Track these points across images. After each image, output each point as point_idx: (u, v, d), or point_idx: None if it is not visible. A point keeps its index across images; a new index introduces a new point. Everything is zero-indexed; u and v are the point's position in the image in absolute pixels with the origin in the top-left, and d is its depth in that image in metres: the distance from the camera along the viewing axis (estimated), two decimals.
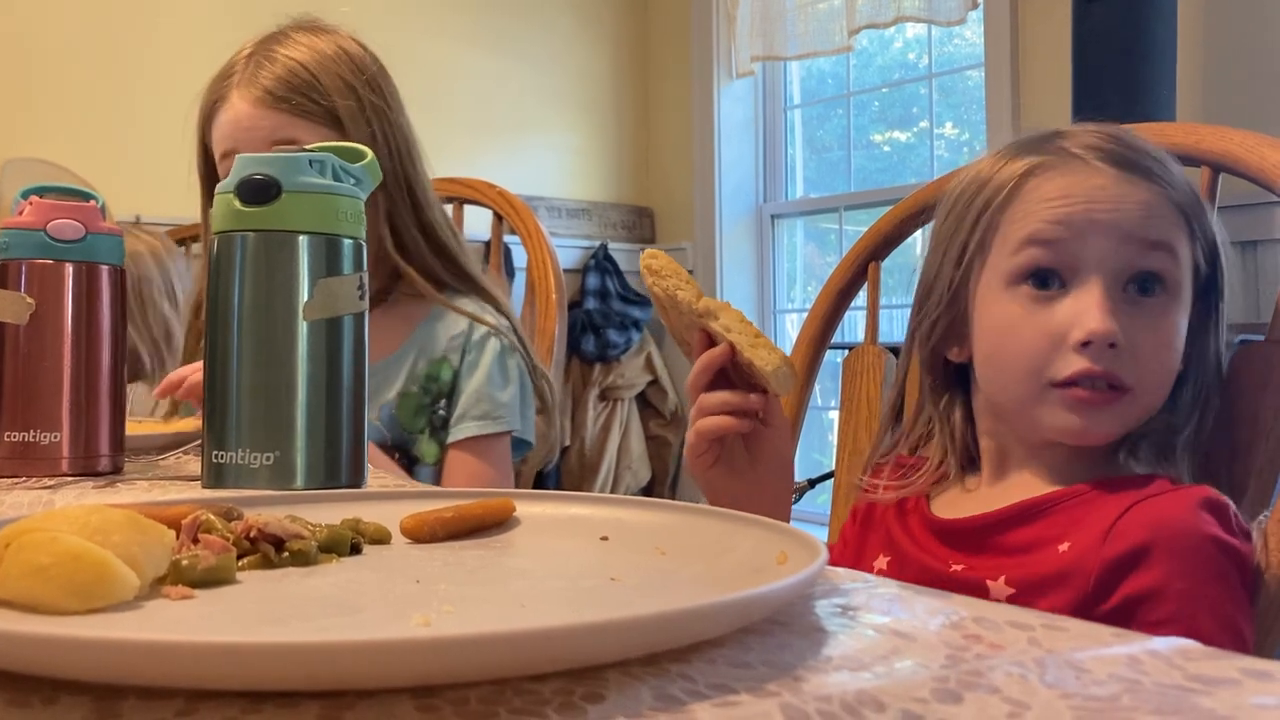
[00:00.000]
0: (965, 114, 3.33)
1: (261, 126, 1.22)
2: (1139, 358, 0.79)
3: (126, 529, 0.41)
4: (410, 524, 0.54)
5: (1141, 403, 0.80)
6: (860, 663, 0.34)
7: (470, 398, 1.26)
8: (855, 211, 3.51)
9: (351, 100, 1.24)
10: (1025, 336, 0.80)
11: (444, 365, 1.27)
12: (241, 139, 1.22)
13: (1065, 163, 0.82)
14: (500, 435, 1.27)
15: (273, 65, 1.24)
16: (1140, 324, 0.79)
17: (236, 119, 1.23)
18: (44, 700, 0.30)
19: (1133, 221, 0.79)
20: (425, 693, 0.30)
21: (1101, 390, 0.78)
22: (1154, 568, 0.72)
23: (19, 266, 0.85)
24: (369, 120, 1.24)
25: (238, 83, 1.24)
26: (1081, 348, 0.78)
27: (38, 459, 0.84)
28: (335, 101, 1.23)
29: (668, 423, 3.70)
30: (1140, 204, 0.80)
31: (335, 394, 0.76)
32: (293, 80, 1.23)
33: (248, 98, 1.23)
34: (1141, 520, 0.74)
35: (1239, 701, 0.30)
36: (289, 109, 1.22)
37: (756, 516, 0.50)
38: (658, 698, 0.30)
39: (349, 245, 0.78)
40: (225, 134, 1.24)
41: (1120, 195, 0.80)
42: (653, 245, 3.83)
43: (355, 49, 1.28)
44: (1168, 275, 0.80)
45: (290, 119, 1.22)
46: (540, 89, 3.67)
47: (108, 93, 2.95)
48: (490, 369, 1.26)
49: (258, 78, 1.23)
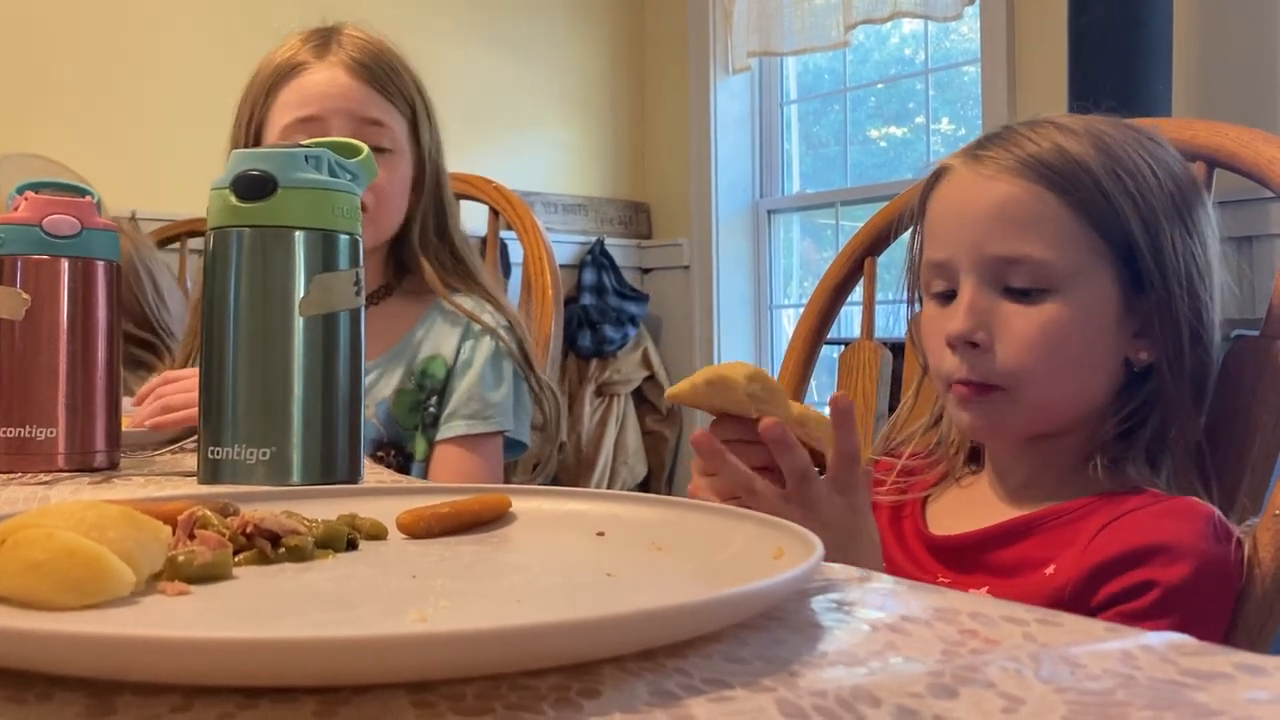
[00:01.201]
0: (962, 109, 3.33)
1: (355, 97, 1.20)
2: (1006, 355, 0.80)
3: (122, 525, 0.41)
4: (406, 520, 0.54)
5: (1023, 399, 0.80)
6: (856, 658, 0.34)
7: (462, 396, 1.26)
8: (852, 207, 3.51)
9: (420, 97, 1.26)
10: (932, 342, 0.85)
11: (438, 362, 1.27)
12: (331, 106, 1.19)
13: (954, 170, 0.85)
14: (490, 435, 1.26)
15: (356, 41, 1.22)
16: (1010, 321, 0.80)
17: (330, 83, 1.19)
18: (39, 696, 0.30)
19: (990, 220, 0.81)
20: (421, 688, 0.30)
21: (976, 387, 0.81)
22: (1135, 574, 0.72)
23: (14, 262, 0.85)
24: (429, 116, 1.27)
25: (320, 53, 1.21)
26: (951, 348, 0.82)
27: (33, 455, 0.84)
28: (413, 92, 1.24)
29: (664, 418, 3.71)
30: (994, 204, 0.81)
31: (331, 390, 0.76)
32: (381, 58, 1.22)
33: (341, 64, 1.20)
34: (1119, 534, 0.74)
35: (1232, 696, 0.30)
36: (380, 87, 1.21)
37: (751, 512, 0.50)
38: (654, 693, 0.30)
39: (345, 241, 0.78)
40: (310, 96, 1.19)
41: (977, 196, 0.82)
42: (649, 240, 3.83)
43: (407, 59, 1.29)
44: (1034, 276, 0.79)
45: (380, 98, 1.21)
46: (537, 84, 3.67)
47: (104, 88, 2.94)
48: (483, 368, 1.26)
49: (344, 48, 1.21)
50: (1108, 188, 0.79)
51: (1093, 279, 0.80)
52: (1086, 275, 0.80)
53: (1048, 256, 0.79)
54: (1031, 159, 0.81)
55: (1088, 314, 0.80)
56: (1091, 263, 0.80)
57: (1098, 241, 0.79)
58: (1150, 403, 0.81)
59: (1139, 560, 0.72)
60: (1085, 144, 0.81)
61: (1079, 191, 0.79)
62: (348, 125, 1.19)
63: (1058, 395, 0.81)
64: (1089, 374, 0.82)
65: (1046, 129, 0.82)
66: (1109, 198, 0.79)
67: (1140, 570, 0.72)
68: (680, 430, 3.72)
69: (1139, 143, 0.83)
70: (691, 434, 0.70)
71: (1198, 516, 0.74)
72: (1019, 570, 0.78)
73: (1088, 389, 0.82)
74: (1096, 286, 0.80)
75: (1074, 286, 0.80)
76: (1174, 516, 0.74)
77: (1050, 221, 0.79)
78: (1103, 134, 0.82)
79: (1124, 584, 0.72)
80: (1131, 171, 0.80)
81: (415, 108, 1.25)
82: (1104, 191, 0.79)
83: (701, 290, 3.63)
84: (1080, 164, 0.80)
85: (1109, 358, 0.82)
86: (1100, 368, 0.82)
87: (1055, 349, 0.80)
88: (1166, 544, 0.72)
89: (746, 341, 3.69)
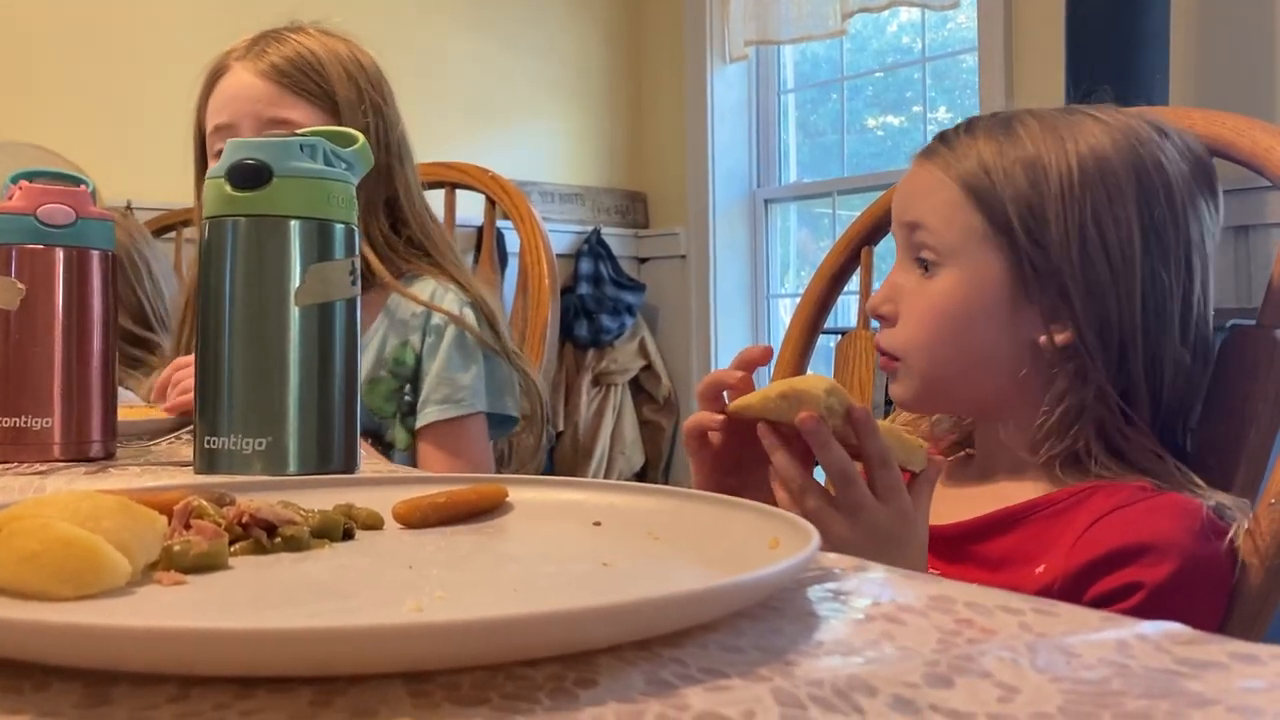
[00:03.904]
0: (959, 98, 3.32)
1: (259, 99, 1.22)
2: (903, 328, 0.85)
3: (118, 515, 0.41)
4: (403, 509, 0.54)
5: (915, 371, 0.84)
6: (852, 647, 0.34)
7: (432, 382, 1.26)
8: (849, 196, 3.50)
9: (352, 91, 1.25)
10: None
11: (406, 349, 1.27)
12: (238, 110, 1.23)
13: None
14: (466, 418, 1.26)
15: (281, 45, 1.26)
16: (912, 295, 0.84)
17: (235, 87, 1.24)
18: (35, 686, 0.30)
19: (900, 202, 0.87)
20: (418, 678, 0.30)
21: (887, 358, 0.86)
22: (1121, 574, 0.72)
23: (9, 251, 0.85)
24: (365, 112, 1.26)
25: (241, 56, 1.26)
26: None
27: (29, 444, 0.84)
28: (335, 88, 1.24)
29: (661, 408, 3.71)
30: (908, 186, 0.87)
31: (327, 379, 0.76)
32: (298, 60, 1.24)
33: (250, 69, 1.24)
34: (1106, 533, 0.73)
35: (1227, 685, 0.30)
36: (289, 85, 1.23)
37: (748, 502, 0.50)
38: (650, 682, 0.30)
39: (340, 230, 0.78)
40: (221, 104, 1.24)
41: (905, 181, 0.88)
42: (645, 230, 3.83)
43: (364, 52, 1.30)
44: (927, 247, 0.84)
45: (289, 96, 1.23)
46: (533, 73, 3.66)
47: (99, 77, 2.93)
48: (449, 351, 1.26)
49: (265, 53, 1.25)
50: (990, 164, 0.81)
51: (977, 255, 0.82)
52: (971, 251, 0.82)
53: (936, 226, 0.83)
54: (933, 141, 0.87)
55: (972, 289, 0.82)
56: (976, 238, 0.82)
57: (979, 218, 0.81)
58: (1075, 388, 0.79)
59: (1125, 560, 0.72)
60: (992, 124, 0.84)
61: (963, 166, 0.83)
62: (254, 127, 1.22)
63: (946, 371, 0.83)
64: (981, 351, 0.82)
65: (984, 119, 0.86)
66: (989, 173, 0.81)
67: (1127, 570, 0.72)
68: (677, 420, 3.73)
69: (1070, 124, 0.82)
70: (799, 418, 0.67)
71: (1186, 513, 0.74)
72: (1006, 563, 0.78)
73: (985, 368, 0.82)
74: (982, 263, 0.81)
75: (960, 261, 0.82)
76: (1161, 513, 0.74)
77: (939, 193, 0.84)
78: (1023, 116, 0.84)
79: (1111, 585, 0.72)
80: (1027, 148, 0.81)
81: (341, 104, 1.24)
82: (986, 168, 0.81)
83: (698, 280, 3.63)
84: (973, 144, 0.83)
85: (1003, 337, 0.82)
86: (995, 347, 0.82)
87: (940, 323, 0.83)
88: (1153, 543, 0.72)
89: (743, 331, 3.69)
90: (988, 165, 0.81)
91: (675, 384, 3.73)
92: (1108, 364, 0.79)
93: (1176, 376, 0.81)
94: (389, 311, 1.28)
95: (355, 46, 1.30)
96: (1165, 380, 0.80)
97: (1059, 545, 0.76)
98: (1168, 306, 0.80)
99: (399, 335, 1.27)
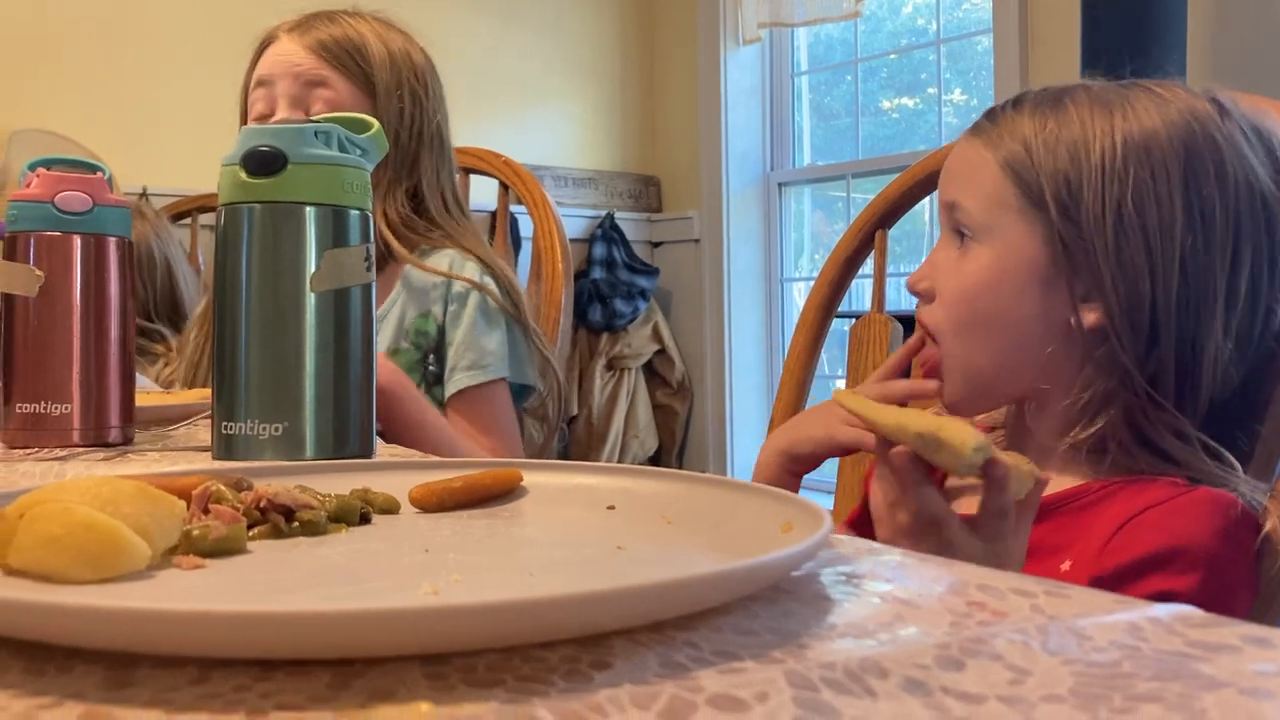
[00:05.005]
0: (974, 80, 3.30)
1: (300, 63, 1.27)
2: (940, 304, 0.84)
3: (137, 500, 0.41)
4: (419, 494, 0.54)
5: (953, 366, 0.82)
6: (864, 630, 0.34)
7: (458, 350, 1.27)
8: (863, 179, 3.49)
9: (391, 77, 1.29)
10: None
11: (428, 320, 1.28)
12: (278, 70, 1.28)
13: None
14: (494, 384, 1.27)
15: (330, 25, 1.31)
16: (947, 271, 0.83)
17: (279, 52, 1.29)
18: (59, 668, 0.30)
19: (943, 179, 0.86)
20: (434, 660, 0.30)
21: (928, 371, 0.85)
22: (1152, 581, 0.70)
23: (27, 239, 0.86)
24: (401, 98, 1.29)
25: (290, 28, 1.31)
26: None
27: (49, 430, 0.84)
28: (375, 71, 1.29)
29: (674, 392, 3.71)
30: (950, 163, 0.86)
31: (343, 365, 0.77)
32: (342, 39, 1.29)
33: (296, 40, 1.29)
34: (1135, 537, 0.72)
35: (1239, 668, 0.30)
36: (330, 59, 1.28)
37: (761, 486, 0.50)
38: (664, 665, 0.30)
39: (355, 216, 0.78)
40: (264, 65, 1.30)
41: (950, 158, 0.87)
42: (659, 214, 3.82)
43: (418, 47, 1.35)
44: (964, 223, 0.83)
45: (327, 68, 1.28)
46: (546, 57, 3.65)
47: (115, 64, 2.94)
48: (474, 316, 1.28)
49: (313, 28, 1.30)
50: (1032, 140, 0.80)
51: (1011, 231, 0.80)
52: (1005, 227, 0.80)
53: (973, 202, 0.82)
54: (980, 117, 0.86)
55: (1005, 266, 0.80)
56: (1011, 213, 0.80)
57: (1015, 193, 0.80)
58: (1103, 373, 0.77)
59: (1155, 566, 0.70)
60: (1041, 99, 0.82)
61: (1005, 142, 0.81)
62: (291, 86, 1.27)
63: (980, 358, 0.81)
64: (1014, 332, 0.80)
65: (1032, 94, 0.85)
66: (1030, 149, 0.80)
67: (1156, 577, 0.70)
68: (690, 405, 3.73)
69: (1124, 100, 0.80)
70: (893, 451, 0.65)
71: (1217, 510, 0.72)
72: (1031, 555, 0.77)
73: (1018, 351, 0.80)
74: (1015, 239, 0.80)
75: (994, 237, 0.81)
76: (1191, 513, 0.72)
77: (979, 170, 0.82)
78: (1076, 92, 0.82)
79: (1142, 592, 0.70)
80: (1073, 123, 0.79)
81: (379, 86, 1.28)
82: (1027, 144, 0.80)
83: (712, 264, 3.63)
84: (1018, 120, 0.82)
85: (1036, 317, 0.79)
86: (1027, 327, 0.80)
87: (972, 300, 0.81)
88: (1182, 547, 0.70)
89: (757, 315, 3.69)
90: (1029, 141, 0.80)
91: (689, 368, 3.73)
92: (1137, 348, 0.76)
93: (1216, 369, 0.77)
94: (406, 282, 1.29)
95: (410, 40, 1.35)
96: (1204, 372, 0.76)
97: (1085, 541, 0.74)
98: (1209, 293, 0.76)
99: (419, 306, 1.29)
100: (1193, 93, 0.81)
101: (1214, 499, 0.73)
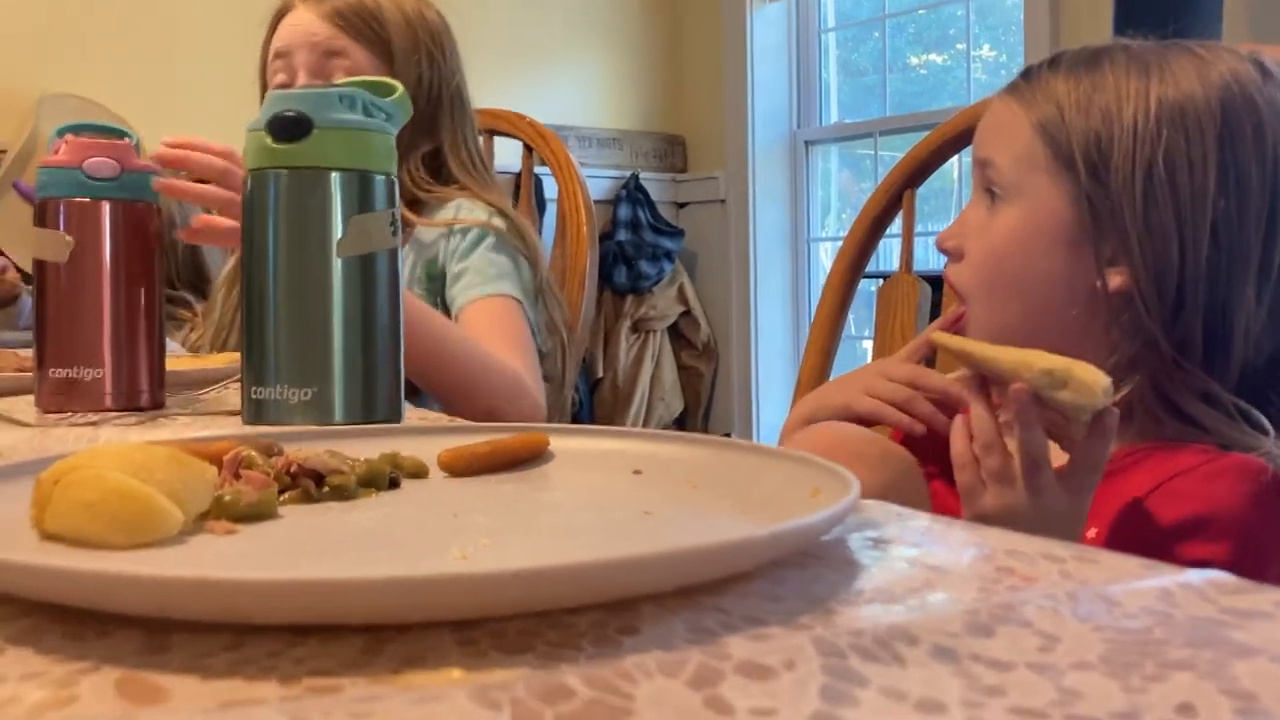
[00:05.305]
0: (1003, 36, 3.25)
1: (317, 33, 1.28)
2: (968, 263, 0.84)
3: (169, 466, 0.41)
4: (447, 458, 0.54)
5: (972, 308, 0.83)
6: (892, 596, 0.34)
7: (469, 268, 1.26)
8: (891, 137, 3.45)
9: (407, 40, 1.29)
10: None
11: (434, 263, 1.29)
12: (296, 41, 1.28)
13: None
14: (505, 298, 1.25)
15: None
16: (976, 229, 0.83)
17: (295, 21, 1.29)
18: (98, 633, 0.31)
19: (977, 138, 0.86)
20: (465, 625, 0.31)
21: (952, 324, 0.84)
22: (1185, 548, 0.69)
23: (57, 205, 0.86)
24: (419, 62, 1.29)
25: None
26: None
27: (81, 394, 0.85)
28: (391, 35, 1.29)
29: (700, 354, 3.71)
30: (985, 121, 0.86)
31: (371, 329, 0.77)
32: (358, 6, 1.29)
33: (312, 9, 1.29)
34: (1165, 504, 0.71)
35: (1272, 635, 0.30)
36: (346, 27, 1.28)
37: (789, 450, 0.50)
38: (691, 630, 0.31)
39: (381, 181, 0.78)
40: (281, 36, 1.30)
41: (984, 116, 0.86)
42: (684, 174, 3.80)
43: (431, 8, 1.34)
44: (995, 182, 0.82)
45: (344, 37, 1.28)
46: (569, 15, 3.62)
47: (143, 29, 2.94)
48: (479, 242, 1.27)
49: None
50: (1064, 100, 0.79)
51: (1040, 190, 0.80)
52: (1034, 186, 0.80)
53: (1004, 161, 0.82)
54: (1017, 76, 0.85)
55: (1033, 225, 0.80)
56: (1040, 172, 0.80)
57: (1045, 152, 0.79)
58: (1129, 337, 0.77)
59: (1186, 534, 0.70)
60: (1078, 58, 0.81)
61: (1038, 102, 0.81)
62: (309, 57, 1.27)
63: (1007, 319, 0.81)
64: (1040, 294, 0.80)
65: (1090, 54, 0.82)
66: (1062, 109, 0.79)
67: (1187, 545, 0.69)
68: (715, 367, 3.73)
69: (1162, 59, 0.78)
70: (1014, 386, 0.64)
71: (1247, 476, 0.71)
72: None
73: (1044, 314, 0.79)
74: (1044, 199, 0.79)
75: (1023, 196, 0.80)
76: (1221, 480, 0.71)
77: (1011, 128, 0.82)
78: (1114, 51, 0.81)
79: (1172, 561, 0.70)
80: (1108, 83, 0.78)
81: (395, 50, 1.28)
82: (1060, 104, 0.79)
83: (738, 224, 3.61)
84: (1053, 79, 0.81)
85: (1062, 279, 0.79)
86: (1053, 289, 0.79)
87: (1000, 259, 0.81)
88: (1213, 515, 0.70)
89: (784, 276, 3.67)
90: (1061, 102, 0.79)
91: (714, 330, 3.72)
92: (1163, 312, 0.75)
93: (1249, 337, 0.76)
94: (416, 241, 1.30)
95: (425, 3, 1.35)
96: (1234, 339, 0.75)
97: (1112, 509, 0.73)
98: (1242, 260, 0.75)
99: (428, 255, 1.29)
100: (1236, 54, 0.79)
101: (1244, 465, 0.72)
